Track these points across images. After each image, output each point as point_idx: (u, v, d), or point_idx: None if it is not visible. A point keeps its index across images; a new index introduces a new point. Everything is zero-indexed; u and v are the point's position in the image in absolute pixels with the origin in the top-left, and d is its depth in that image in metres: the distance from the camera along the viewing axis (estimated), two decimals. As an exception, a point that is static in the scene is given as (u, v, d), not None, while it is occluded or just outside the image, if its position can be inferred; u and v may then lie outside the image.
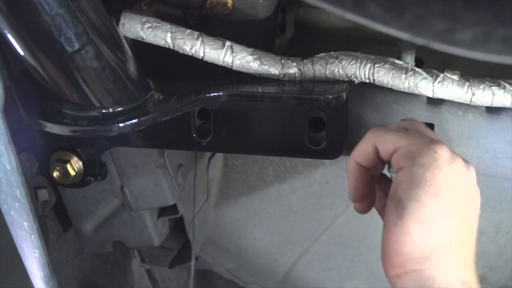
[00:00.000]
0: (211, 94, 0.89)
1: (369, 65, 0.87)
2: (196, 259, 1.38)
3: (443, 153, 0.68)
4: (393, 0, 0.45)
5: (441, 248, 0.64)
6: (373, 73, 0.87)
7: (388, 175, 1.12)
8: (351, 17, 0.47)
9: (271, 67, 0.89)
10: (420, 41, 0.47)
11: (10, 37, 0.77)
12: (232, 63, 0.89)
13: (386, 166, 1.13)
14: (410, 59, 0.91)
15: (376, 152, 0.73)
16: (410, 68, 0.86)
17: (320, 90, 0.87)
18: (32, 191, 1.04)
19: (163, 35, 0.88)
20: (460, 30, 0.45)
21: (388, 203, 0.68)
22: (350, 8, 0.47)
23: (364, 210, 0.78)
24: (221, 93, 0.88)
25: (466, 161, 0.71)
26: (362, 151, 0.74)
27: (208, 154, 1.33)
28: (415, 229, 0.64)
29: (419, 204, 0.64)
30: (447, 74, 0.86)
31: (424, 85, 0.85)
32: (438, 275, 0.64)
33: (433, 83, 0.85)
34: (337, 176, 1.31)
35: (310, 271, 1.43)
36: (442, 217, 0.65)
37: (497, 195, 1.25)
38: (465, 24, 0.45)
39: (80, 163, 1.00)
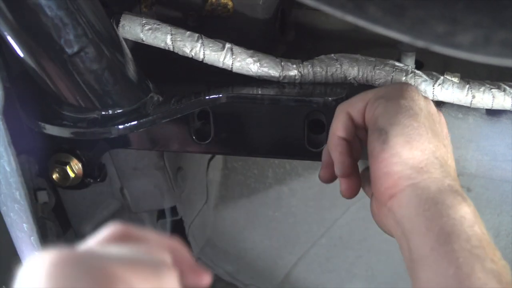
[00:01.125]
0: (210, 96, 0.88)
1: (369, 67, 0.87)
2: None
3: (411, 88, 0.73)
4: (393, 2, 0.45)
5: (430, 162, 0.68)
6: (373, 76, 0.87)
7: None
8: (351, 19, 0.47)
9: (271, 69, 0.89)
10: (420, 43, 0.47)
11: (9, 39, 0.77)
12: (232, 65, 0.89)
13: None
14: (410, 62, 0.91)
15: (351, 118, 0.75)
16: (410, 71, 0.86)
17: (320, 92, 0.87)
18: (32, 193, 1.03)
19: (163, 37, 0.88)
20: (460, 33, 0.45)
21: (369, 137, 0.71)
22: (350, 11, 0.47)
23: (351, 191, 0.78)
24: (220, 95, 0.88)
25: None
26: (339, 123, 0.76)
27: (208, 156, 1.33)
28: (402, 149, 0.67)
29: (402, 125, 0.68)
30: (447, 77, 0.86)
31: (424, 87, 0.85)
32: (432, 185, 0.66)
33: (433, 86, 0.85)
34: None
35: (309, 273, 1.43)
36: (424, 135, 0.69)
37: (497, 198, 1.25)
38: (465, 26, 0.45)
39: (80, 165, 1.00)
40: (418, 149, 0.68)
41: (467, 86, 0.85)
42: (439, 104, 0.90)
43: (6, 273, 1.15)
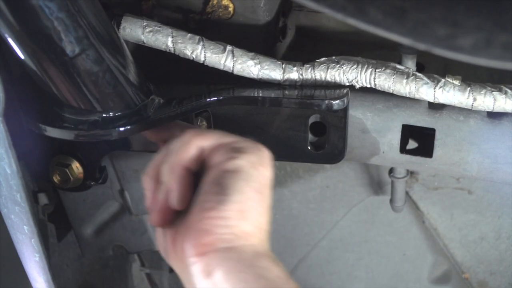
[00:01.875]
0: (211, 99, 0.88)
1: (370, 70, 0.87)
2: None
3: (266, 153, 0.74)
4: (394, 5, 0.45)
5: (252, 233, 0.70)
6: (374, 78, 0.87)
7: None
8: (352, 22, 0.47)
9: (272, 72, 0.89)
10: (421, 46, 0.47)
11: (10, 41, 0.77)
12: (233, 68, 0.89)
13: (388, 171, 1.13)
14: (411, 64, 0.91)
15: (201, 151, 0.74)
16: (411, 73, 0.86)
17: (321, 94, 0.87)
18: (32, 195, 1.04)
19: (164, 39, 0.88)
20: (462, 36, 0.45)
21: (207, 185, 0.71)
22: (351, 13, 0.47)
23: (165, 223, 0.75)
24: (221, 98, 0.88)
25: None
26: (189, 153, 0.74)
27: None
28: (234, 216, 0.68)
29: (243, 196, 0.69)
30: (449, 79, 0.86)
31: (426, 90, 0.85)
32: (248, 249, 0.68)
33: (434, 88, 0.85)
34: (338, 180, 1.31)
35: (310, 275, 1.43)
36: (259, 209, 0.71)
37: (497, 200, 1.25)
38: (466, 29, 0.45)
39: (81, 167, 1.00)
40: (248, 221, 0.69)
41: (468, 88, 0.85)
42: (440, 106, 0.90)
43: (7, 275, 1.15)
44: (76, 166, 1.00)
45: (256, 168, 0.71)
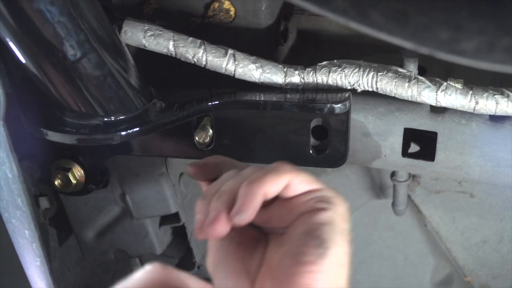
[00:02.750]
0: (213, 103, 0.88)
1: (372, 73, 0.87)
2: (198, 267, 1.38)
3: (346, 206, 0.73)
4: (397, 9, 0.45)
5: (345, 286, 0.70)
6: (376, 82, 0.87)
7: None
8: (355, 26, 0.47)
9: (274, 75, 0.89)
10: (424, 50, 0.47)
11: (11, 44, 0.77)
12: (234, 71, 0.89)
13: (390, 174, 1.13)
14: (413, 67, 0.91)
15: (285, 187, 0.72)
16: (413, 77, 0.86)
17: (323, 98, 0.87)
18: (34, 199, 1.03)
19: (165, 43, 0.88)
20: (464, 40, 0.45)
21: (302, 237, 0.69)
22: (353, 17, 0.47)
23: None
24: (223, 101, 0.88)
25: None
26: (276, 185, 0.71)
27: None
28: (333, 271, 0.68)
29: (342, 250, 0.69)
30: (451, 83, 0.85)
31: (427, 93, 0.85)
32: None
33: (436, 92, 0.85)
34: (340, 184, 1.31)
35: (312, 279, 1.43)
36: (349, 261, 0.71)
37: (500, 203, 1.25)
38: (469, 33, 0.45)
39: (82, 171, 1.00)
40: (344, 276, 0.69)
41: (470, 92, 0.85)
42: (442, 110, 0.90)
43: (8, 279, 1.15)
44: (78, 170, 1.00)
45: (344, 222, 0.71)
